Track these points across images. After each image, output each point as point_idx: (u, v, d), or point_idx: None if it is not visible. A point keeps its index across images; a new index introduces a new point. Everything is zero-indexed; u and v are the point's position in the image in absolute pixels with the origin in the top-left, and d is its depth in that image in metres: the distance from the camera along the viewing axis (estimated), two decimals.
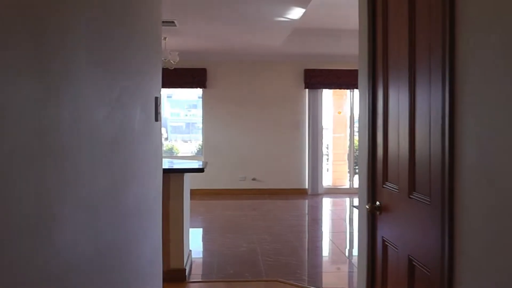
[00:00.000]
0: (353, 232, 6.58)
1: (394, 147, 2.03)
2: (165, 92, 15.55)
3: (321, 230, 6.81)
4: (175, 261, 3.83)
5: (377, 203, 2.21)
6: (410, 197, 1.83)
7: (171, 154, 12.99)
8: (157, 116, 2.30)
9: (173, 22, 6.49)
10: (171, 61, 7.91)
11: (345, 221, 7.53)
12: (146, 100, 2.16)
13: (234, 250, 5.29)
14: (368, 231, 2.29)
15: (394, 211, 2.05)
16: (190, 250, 4.61)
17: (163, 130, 17.15)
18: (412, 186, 1.82)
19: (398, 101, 1.97)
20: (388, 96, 2.11)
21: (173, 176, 3.69)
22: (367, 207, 2.23)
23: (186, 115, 9.91)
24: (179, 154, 12.62)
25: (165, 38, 7.74)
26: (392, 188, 2.04)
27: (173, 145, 14.65)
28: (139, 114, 1.98)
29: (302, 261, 5.06)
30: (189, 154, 11.36)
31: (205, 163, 4.04)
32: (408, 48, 1.84)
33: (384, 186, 2.16)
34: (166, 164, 4.57)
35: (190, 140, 12.84)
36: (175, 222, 3.73)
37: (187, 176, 3.96)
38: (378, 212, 2.18)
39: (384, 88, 2.14)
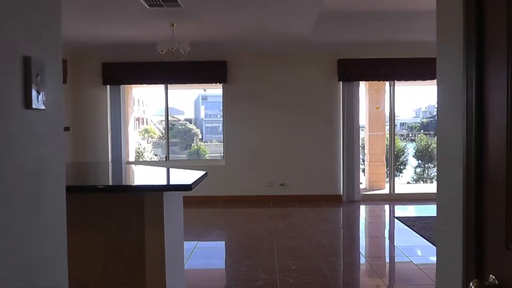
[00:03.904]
0: (394, 256, 5.32)
1: None
2: (199, 93, 14.82)
3: (359, 252, 5.54)
4: None
5: (492, 278, 1.06)
6: None
7: (198, 156, 12.58)
8: (28, 98, 1.07)
9: (175, 1, 5.34)
10: (181, 51, 6.81)
11: (387, 238, 6.26)
12: None
13: (248, 285, 4.13)
14: None
15: None
16: None
17: (197, 131, 16.84)
18: None
19: None
20: None
21: (148, 196, 2.54)
22: (473, 287, 1.06)
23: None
24: (207, 156, 12.20)
25: (172, 25, 6.66)
26: None
27: (199, 147, 14.02)
28: None
29: None
30: (219, 156, 10.59)
31: (199, 177, 2.85)
32: None
33: (510, 248, 1.01)
34: (161, 176, 3.45)
35: None
36: (152, 260, 2.57)
37: (171, 194, 2.80)
38: None
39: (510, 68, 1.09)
